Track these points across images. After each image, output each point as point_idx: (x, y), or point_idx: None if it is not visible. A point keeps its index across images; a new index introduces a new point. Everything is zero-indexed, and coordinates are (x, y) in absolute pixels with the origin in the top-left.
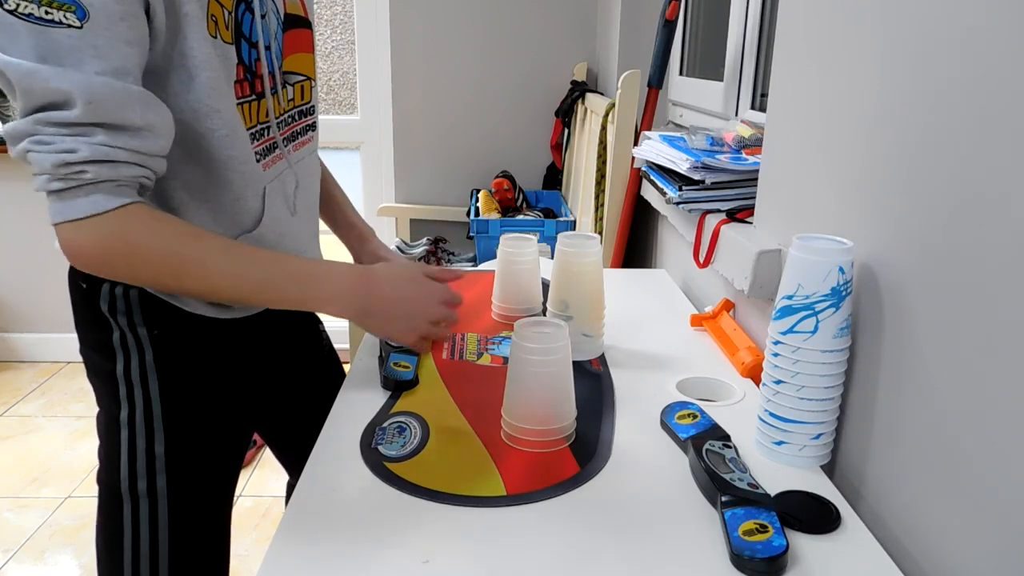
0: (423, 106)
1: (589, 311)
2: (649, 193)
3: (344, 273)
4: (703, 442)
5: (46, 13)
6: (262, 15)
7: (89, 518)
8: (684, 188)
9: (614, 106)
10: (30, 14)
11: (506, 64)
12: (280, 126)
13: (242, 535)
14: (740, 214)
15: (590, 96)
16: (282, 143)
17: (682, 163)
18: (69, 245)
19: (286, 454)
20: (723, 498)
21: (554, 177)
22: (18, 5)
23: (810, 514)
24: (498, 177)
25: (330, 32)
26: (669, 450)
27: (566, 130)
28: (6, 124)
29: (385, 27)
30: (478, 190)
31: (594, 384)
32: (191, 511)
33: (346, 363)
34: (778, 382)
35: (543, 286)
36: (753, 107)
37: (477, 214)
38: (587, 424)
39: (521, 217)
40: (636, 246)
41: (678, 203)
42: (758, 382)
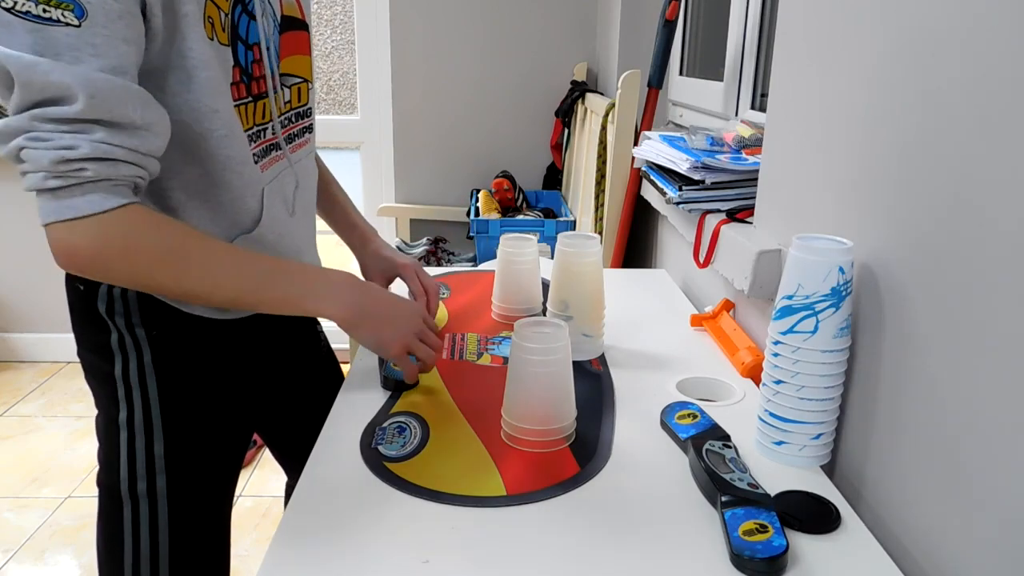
0: (423, 106)
1: (589, 311)
2: (649, 193)
3: (339, 275)
4: (703, 442)
5: (44, 11)
6: (260, 16)
7: (89, 518)
8: (684, 188)
9: (614, 106)
10: (28, 12)
11: (506, 64)
12: (276, 128)
13: (242, 535)
14: (740, 214)
15: (590, 96)
16: (282, 144)
17: (682, 163)
18: (62, 246)
19: (285, 455)
20: (723, 498)
21: (554, 177)
22: (16, 3)
23: (810, 514)
24: (498, 177)
25: (330, 32)
26: (669, 450)
27: (566, 130)
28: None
29: (385, 27)
30: (478, 190)
31: (594, 384)
32: (191, 512)
33: (346, 363)
34: (778, 382)
35: (543, 286)
36: (753, 107)
37: (477, 214)
38: (587, 424)
39: (521, 217)
40: (636, 246)
41: (678, 203)
42: (758, 382)
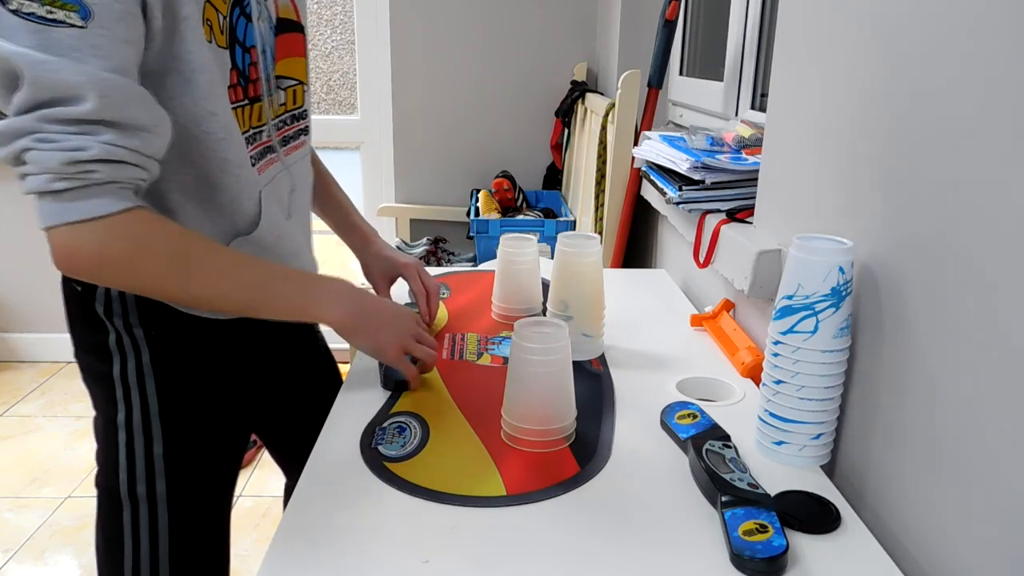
0: (423, 106)
1: (589, 311)
2: (649, 193)
3: (337, 282)
4: (703, 442)
5: (48, 12)
6: (257, 18)
7: (89, 518)
8: (684, 188)
9: (614, 106)
10: (32, 13)
11: (506, 64)
12: (272, 130)
13: (242, 535)
14: (740, 214)
15: (590, 96)
16: (277, 147)
17: (682, 163)
18: (65, 250)
19: (283, 455)
20: (723, 498)
21: (554, 177)
22: (21, 4)
23: (810, 514)
24: (498, 177)
25: (330, 32)
26: (669, 450)
27: (566, 130)
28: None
29: (385, 27)
30: (478, 190)
31: (594, 384)
32: (191, 513)
33: (346, 363)
34: (778, 382)
35: (543, 286)
36: (753, 107)
37: (477, 214)
38: (587, 424)
39: (521, 217)
40: (636, 246)
41: (678, 203)
42: (758, 382)
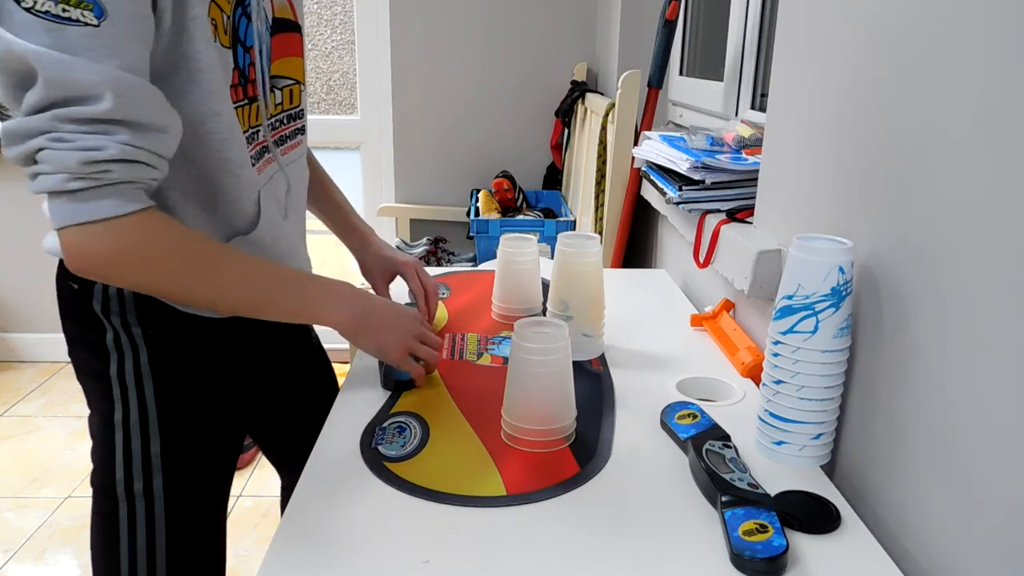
0: (423, 106)
1: (589, 311)
2: (649, 193)
3: (339, 284)
4: (703, 442)
5: (64, 11)
6: (256, 18)
7: (89, 518)
8: (684, 188)
9: (614, 106)
10: (47, 11)
11: (506, 64)
12: (269, 130)
13: (242, 535)
14: (740, 214)
15: (590, 96)
16: (272, 147)
17: (682, 163)
18: (77, 249)
19: (277, 455)
20: (723, 498)
21: (554, 177)
22: (35, 2)
23: (810, 514)
24: (498, 177)
25: (330, 32)
26: (669, 450)
27: (566, 130)
28: (9, 121)
29: (385, 27)
30: (478, 190)
31: (594, 384)
32: (188, 512)
33: (346, 363)
34: (778, 382)
35: (543, 286)
36: (753, 107)
37: (477, 214)
38: (587, 424)
39: (521, 217)
40: (636, 246)
41: (678, 203)
42: (758, 382)
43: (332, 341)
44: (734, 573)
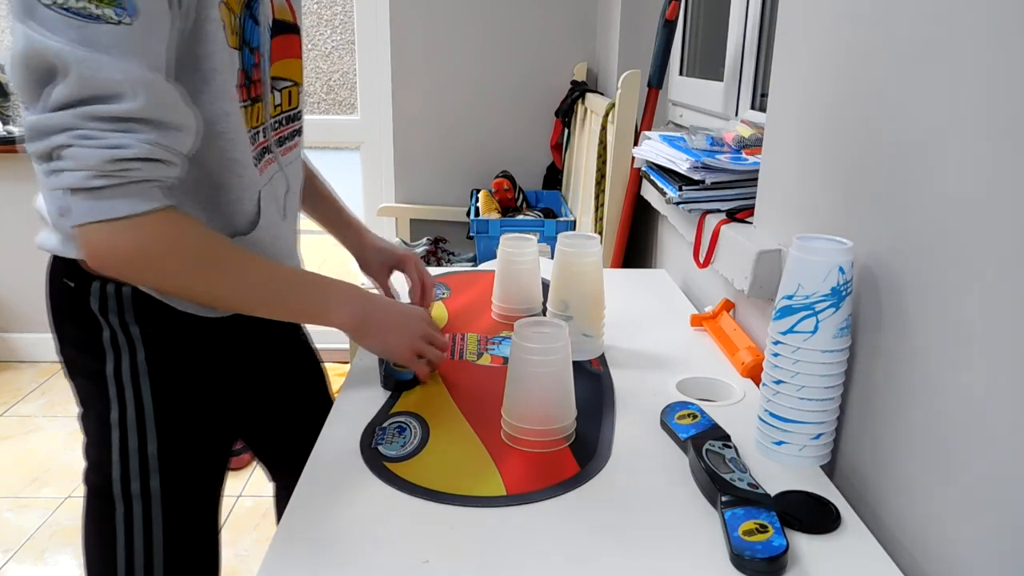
0: (423, 106)
1: (589, 311)
2: (649, 193)
3: (347, 286)
4: (703, 442)
5: (91, 9)
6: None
7: None
8: (684, 188)
9: (614, 106)
10: (78, 11)
11: (506, 64)
12: (268, 131)
13: (242, 535)
14: (740, 214)
15: (590, 96)
16: (273, 147)
17: (682, 163)
18: (98, 247)
19: (267, 454)
20: (723, 498)
21: (554, 177)
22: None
23: (810, 514)
24: (498, 177)
25: (330, 32)
26: (669, 450)
27: (566, 130)
28: (31, 118)
29: (385, 27)
30: (478, 190)
31: (594, 384)
32: (184, 512)
33: (346, 363)
34: (778, 382)
35: (543, 286)
36: (753, 107)
37: (477, 214)
38: (587, 424)
39: (521, 217)
40: (636, 246)
41: (678, 203)
42: (758, 382)
43: (332, 341)
44: (734, 573)
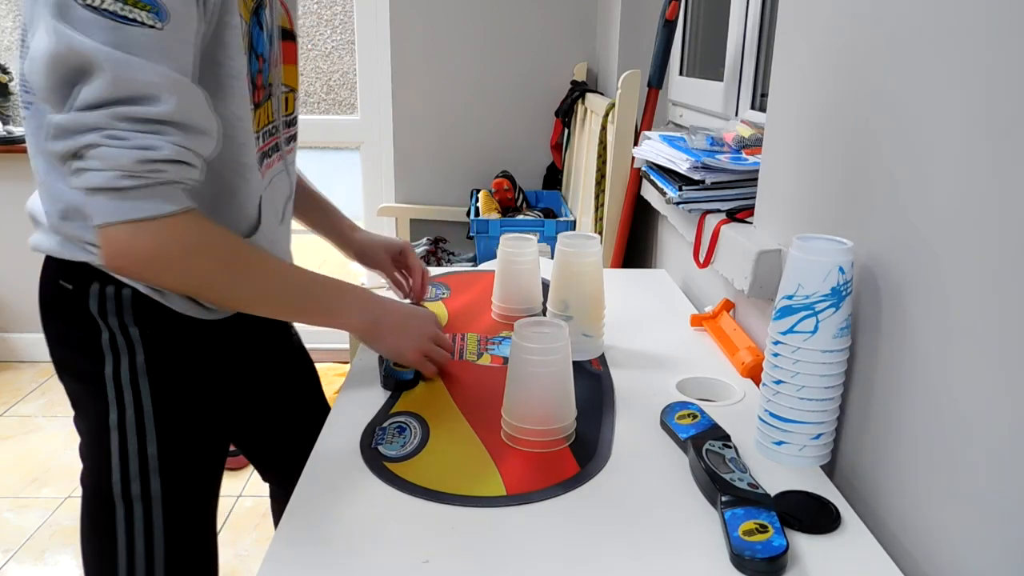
0: (423, 106)
1: (589, 311)
2: (649, 193)
3: (359, 289)
4: (703, 442)
5: (126, 11)
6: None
7: None
8: (684, 188)
9: (614, 106)
10: (114, 12)
11: (506, 64)
12: (267, 136)
13: (242, 535)
14: (740, 214)
15: (590, 96)
16: (272, 152)
17: (682, 163)
18: (120, 247)
19: (261, 457)
20: (723, 498)
21: (554, 177)
22: (100, 0)
23: (810, 514)
24: (498, 177)
25: (330, 32)
26: (669, 450)
27: (566, 130)
28: (56, 117)
29: (385, 27)
30: (478, 190)
31: (594, 384)
32: (184, 513)
33: (346, 363)
34: (778, 382)
35: (543, 286)
36: (753, 107)
37: (477, 214)
38: (587, 424)
39: (521, 217)
40: (636, 246)
41: (678, 203)
42: (758, 382)
43: (332, 341)
44: (734, 573)
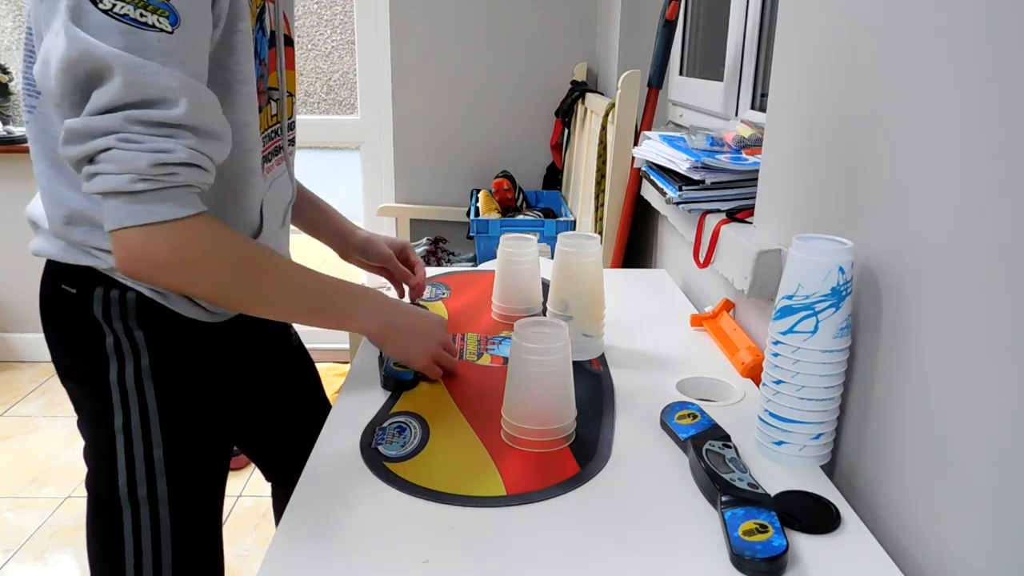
0: (423, 106)
1: (589, 311)
2: (649, 193)
3: (372, 293)
4: (703, 442)
5: (141, 15)
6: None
7: None
8: (684, 188)
9: (614, 106)
10: (125, 15)
11: (506, 64)
12: (265, 140)
13: (242, 535)
14: (740, 214)
15: (590, 96)
16: (272, 156)
17: (682, 163)
18: (135, 251)
19: (264, 457)
20: (723, 498)
21: (554, 177)
22: (114, 5)
23: (810, 514)
24: (498, 177)
25: (330, 32)
26: (669, 450)
27: (566, 130)
28: (70, 121)
29: (385, 27)
30: (478, 190)
31: (594, 384)
32: (191, 515)
33: (346, 363)
34: (778, 382)
35: (543, 286)
36: (753, 107)
37: (477, 214)
38: (587, 424)
39: (521, 217)
40: (636, 246)
41: (678, 203)
42: (758, 382)
43: (332, 341)
44: (734, 573)
